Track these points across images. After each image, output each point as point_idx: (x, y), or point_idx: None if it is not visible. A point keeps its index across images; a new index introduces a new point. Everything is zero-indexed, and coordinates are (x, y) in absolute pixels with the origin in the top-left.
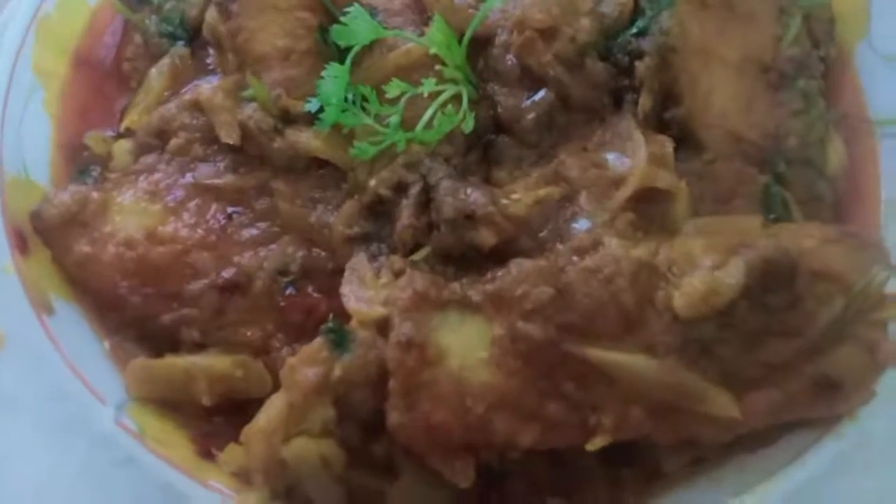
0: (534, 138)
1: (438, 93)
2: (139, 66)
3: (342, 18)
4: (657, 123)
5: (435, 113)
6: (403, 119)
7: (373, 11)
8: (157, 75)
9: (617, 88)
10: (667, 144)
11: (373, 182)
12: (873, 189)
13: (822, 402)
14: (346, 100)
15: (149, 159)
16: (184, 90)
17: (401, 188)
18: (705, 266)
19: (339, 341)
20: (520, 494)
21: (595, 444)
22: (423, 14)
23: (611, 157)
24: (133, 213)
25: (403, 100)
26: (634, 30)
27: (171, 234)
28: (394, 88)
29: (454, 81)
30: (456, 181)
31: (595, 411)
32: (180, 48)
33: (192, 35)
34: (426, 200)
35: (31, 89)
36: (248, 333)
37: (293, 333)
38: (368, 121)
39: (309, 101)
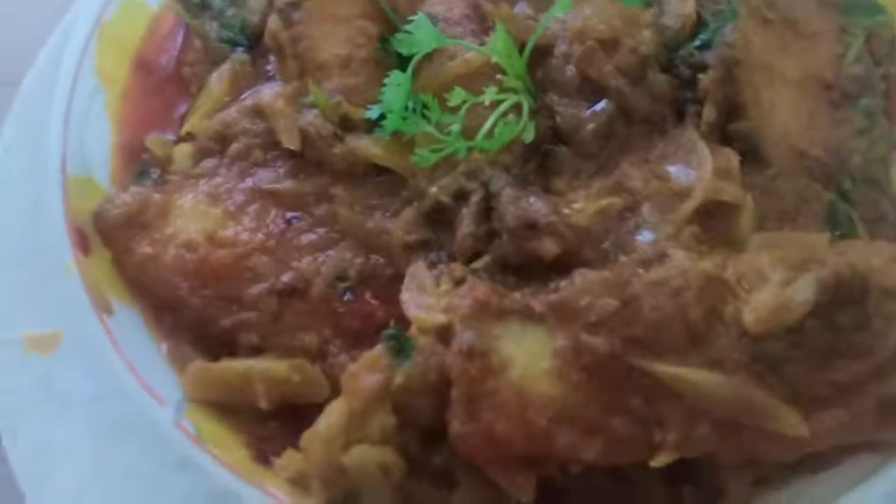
0: (593, 149)
1: (499, 102)
2: (199, 71)
3: (406, 27)
4: (720, 136)
5: (496, 122)
6: (464, 127)
7: (433, 20)
8: (217, 81)
9: (679, 101)
10: (732, 158)
11: (433, 189)
12: None
13: (889, 424)
14: (406, 107)
15: (209, 163)
16: (244, 96)
17: (461, 196)
18: (775, 281)
19: (400, 348)
20: None
21: (659, 460)
22: (483, 24)
23: (674, 170)
24: (193, 216)
25: (464, 108)
26: (697, 42)
27: (231, 238)
28: (456, 97)
29: (514, 91)
30: (518, 190)
31: (660, 427)
32: (240, 54)
33: (253, 42)
34: (487, 209)
35: (93, 92)
36: (306, 339)
37: (350, 340)
38: (430, 128)
39: (370, 109)
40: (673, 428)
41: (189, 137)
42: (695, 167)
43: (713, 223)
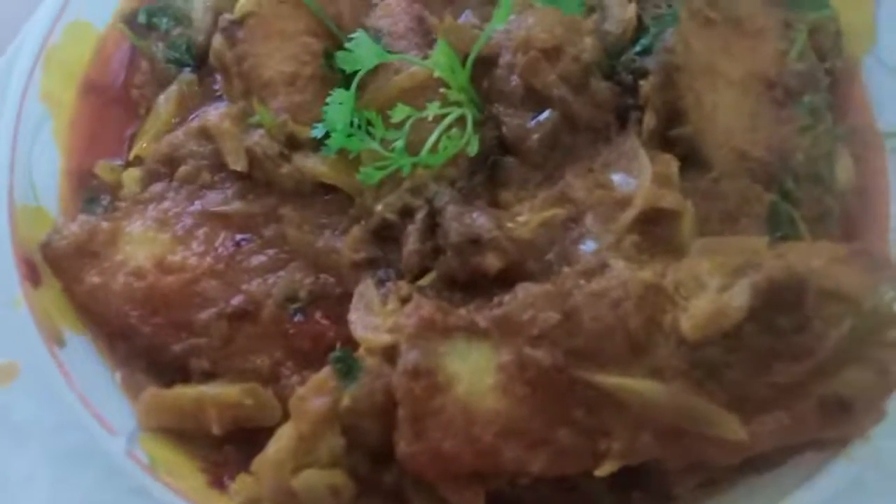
0: (539, 159)
1: (443, 116)
2: (147, 92)
3: (347, 45)
4: (662, 142)
5: (440, 136)
6: (409, 143)
7: (377, 35)
8: (164, 102)
9: (622, 108)
10: (671, 164)
11: (379, 207)
12: (883, 204)
13: (832, 423)
14: (351, 124)
15: (157, 187)
16: (191, 117)
17: (407, 213)
18: (712, 288)
19: (347, 370)
20: None
21: (604, 469)
22: (428, 36)
23: (616, 178)
24: (142, 243)
25: (408, 124)
26: (638, 48)
27: (180, 263)
28: (399, 113)
29: (458, 104)
30: (461, 206)
31: (604, 436)
32: (187, 75)
33: (200, 61)
34: (432, 225)
35: (40, 118)
36: (258, 361)
37: (302, 361)
38: (374, 145)
39: (315, 127)
40: (617, 437)
41: (138, 161)
42: (635, 175)
43: (654, 230)
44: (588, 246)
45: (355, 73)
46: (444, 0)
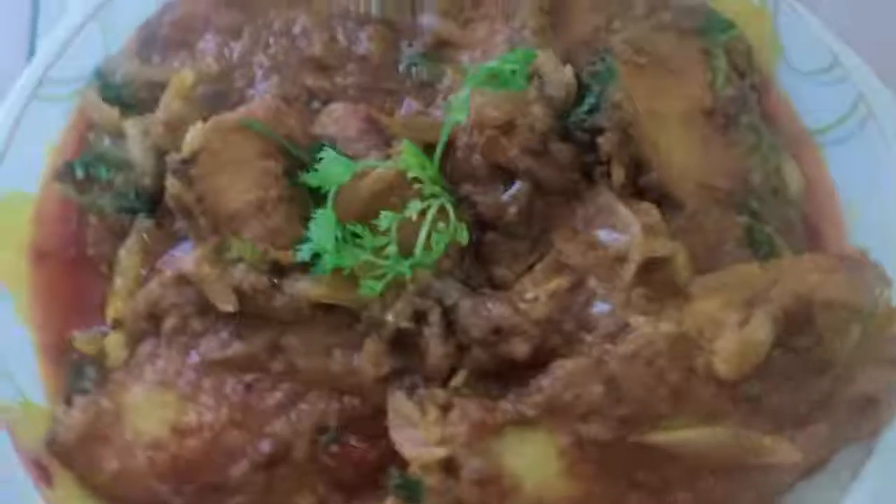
0: (520, 230)
1: (424, 212)
2: (104, 249)
3: (316, 165)
4: (633, 191)
5: (429, 232)
6: (399, 245)
7: (330, 143)
8: (127, 256)
9: (584, 164)
10: (653, 213)
11: (390, 317)
12: (835, 205)
13: (864, 420)
14: (336, 239)
15: (147, 348)
16: (160, 264)
17: (419, 316)
18: (731, 325)
19: (412, 495)
20: None
21: None
22: (382, 134)
23: (603, 235)
24: (150, 411)
25: (394, 227)
26: (586, 107)
27: (196, 423)
28: (385, 221)
29: (434, 195)
30: (472, 298)
31: (671, 489)
32: (144, 221)
33: (152, 205)
34: (448, 324)
35: None
36: (303, 502)
37: (349, 491)
38: (367, 256)
39: (299, 250)
40: (683, 487)
41: (117, 324)
42: (621, 229)
43: (654, 278)
44: (599, 308)
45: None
46: (382, 94)
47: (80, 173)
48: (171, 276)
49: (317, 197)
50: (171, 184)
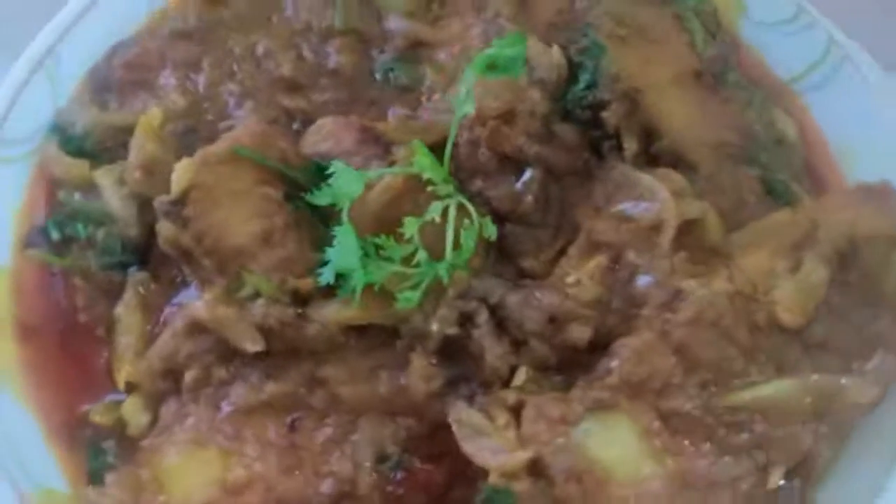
0: (538, 218)
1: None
2: (98, 311)
3: (320, 184)
4: (647, 161)
5: (456, 232)
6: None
7: (325, 160)
8: (126, 313)
9: (591, 142)
10: (676, 177)
11: (434, 326)
12: (823, 143)
13: None
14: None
15: (170, 407)
16: (166, 316)
17: (464, 320)
18: (783, 273)
19: None
20: None
21: (774, 479)
22: (380, 144)
23: (628, 207)
24: (193, 473)
25: (416, 233)
26: (583, 84)
27: (247, 477)
28: (410, 227)
29: (448, 195)
30: (518, 291)
31: (760, 449)
32: (138, 274)
33: (143, 255)
34: (498, 322)
35: None
36: None
37: None
38: (396, 268)
39: (319, 274)
40: (774, 445)
41: (131, 389)
42: (648, 198)
43: (689, 241)
44: (644, 280)
45: (325, 208)
46: (363, 105)
47: (55, 235)
48: (183, 326)
49: (322, 217)
50: (165, 228)
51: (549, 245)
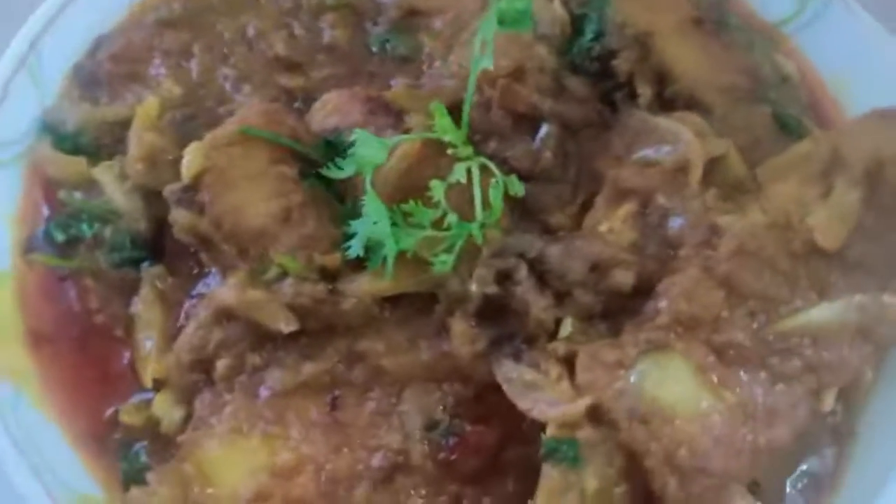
0: (558, 173)
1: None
2: (114, 311)
3: (342, 155)
4: (661, 106)
5: (484, 191)
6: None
7: (336, 136)
8: (145, 309)
9: (603, 94)
10: (694, 119)
11: (473, 287)
12: (819, 80)
13: None
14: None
15: (206, 399)
16: (189, 307)
17: (502, 278)
18: (814, 199)
19: (572, 456)
20: None
21: (828, 401)
22: (390, 111)
23: (649, 152)
24: (237, 462)
25: (442, 196)
26: (591, 35)
27: (295, 459)
28: (438, 190)
29: (468, 157)
30: (558, 242)
31: (813, 373)
32: (152, 268)
33: (154, 249)
34: (538, 276)
35: (13, 398)
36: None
37: (481, 481)
38: (427, 232)
39: (347, 247)
40: (824, 368)
41: (160, 385)
42: (670, 140)
43: (715, 179)
44: (676, 222)
45: (339, 182)
46: (363, 79)
47: (59, 237)
48: (210, 314)
49: (336, 193)
50: (181, 216)
51: (572, 199)
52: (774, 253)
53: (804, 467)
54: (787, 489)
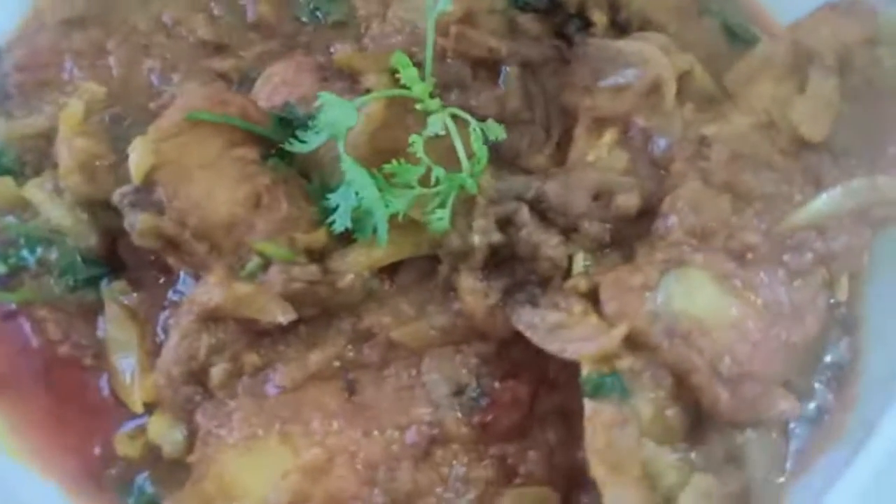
0: (527, 113)
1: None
2: (77, 338)
3: (318, 114)
4: (616, 31)
5: (464, 140)
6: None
7: (290, 111)
8: (117, 330)
9: (555, 28)
10: (655, 36)
11: (476, 238)
12: None
13: None
14: None
15: (208, 411)
16: (167, 317)
17: (503, 224)
18: (791, 94)
19: (618, 388)
20: None
21: (844, 291)
22: (344, 75)
23: (618, 78)
24: (261, 469)
25: (420, 148)
26: None
27: (324, 455)
28: (417, 145)
29: (440, 108)
30: (553, 178)
31: (824, 264)
32: (113, 285)
33: (111, 263)
34: (540, 215)
35: None
36: (484, 473)
37: (522, 436)
38: (417, 191)
39: (333, 222)
40: (832, 258)
41: (152, 408)
42: (636, 62)
43: (687, 94)
44: (662, 140)
45: (308, 158)
46: (301, 51)
47: (1, 269)
48: (194, 320)
49: (301, 170)
50: (138, 220)
51: (546, 139)
52: (768, 152)
53: (827, 359)
54: (815, 385)
